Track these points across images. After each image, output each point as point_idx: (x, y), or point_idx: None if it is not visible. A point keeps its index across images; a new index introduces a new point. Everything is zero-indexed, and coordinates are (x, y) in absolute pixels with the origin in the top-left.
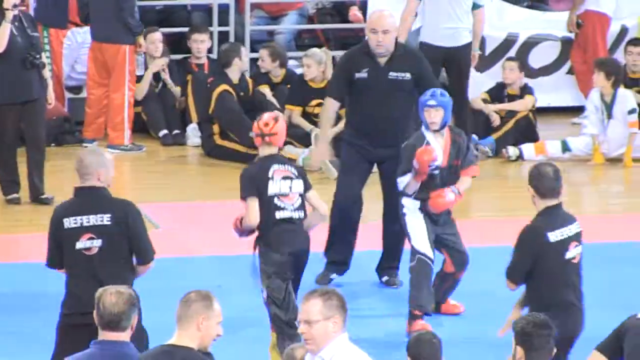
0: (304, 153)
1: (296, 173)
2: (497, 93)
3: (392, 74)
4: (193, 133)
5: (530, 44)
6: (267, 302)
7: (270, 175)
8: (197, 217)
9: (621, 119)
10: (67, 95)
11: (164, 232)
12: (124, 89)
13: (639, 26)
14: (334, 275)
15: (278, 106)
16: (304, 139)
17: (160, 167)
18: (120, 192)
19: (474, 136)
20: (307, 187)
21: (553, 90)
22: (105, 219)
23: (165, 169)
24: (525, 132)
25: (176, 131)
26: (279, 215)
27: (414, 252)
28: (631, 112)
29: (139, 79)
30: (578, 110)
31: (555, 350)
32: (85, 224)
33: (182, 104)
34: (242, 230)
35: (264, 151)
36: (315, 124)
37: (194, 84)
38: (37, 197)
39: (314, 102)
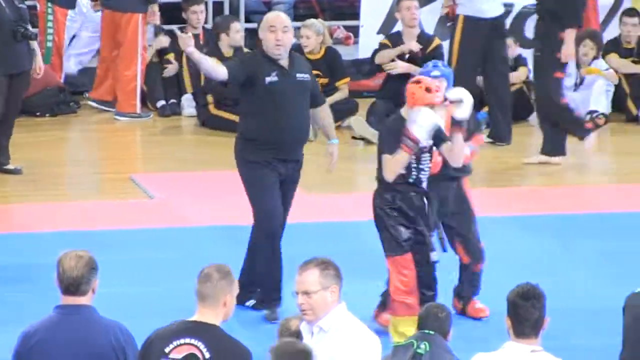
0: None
1: None
2: None
3: (299, 76)
4: (188, 103)
5: (525, 14)
6: None
7: None
8: (192, 186)
9: None
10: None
11: (159, 201)
12: (137, 60)
13: None
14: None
15: None
16: None
17: (156, 138)
18: (116, 163)
19: None
20: None
21: None
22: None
23: (161, 139)
24: (519, 103)
25: (172, 100)
26: None
27: None
28: None
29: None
30: None
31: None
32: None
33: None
34: None
35: None
36: None
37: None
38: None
39: None
